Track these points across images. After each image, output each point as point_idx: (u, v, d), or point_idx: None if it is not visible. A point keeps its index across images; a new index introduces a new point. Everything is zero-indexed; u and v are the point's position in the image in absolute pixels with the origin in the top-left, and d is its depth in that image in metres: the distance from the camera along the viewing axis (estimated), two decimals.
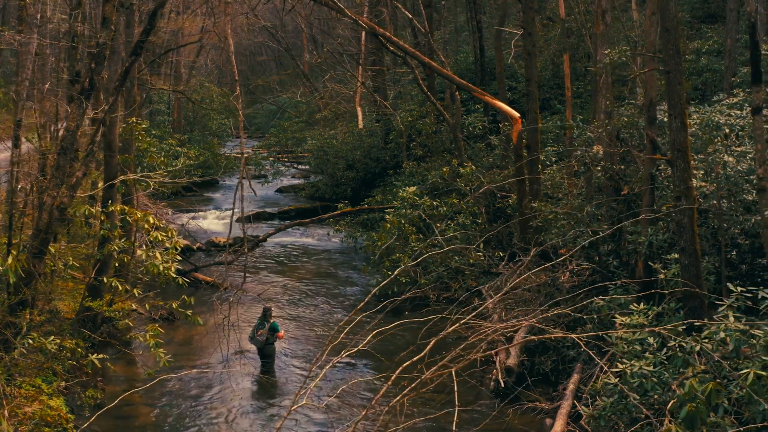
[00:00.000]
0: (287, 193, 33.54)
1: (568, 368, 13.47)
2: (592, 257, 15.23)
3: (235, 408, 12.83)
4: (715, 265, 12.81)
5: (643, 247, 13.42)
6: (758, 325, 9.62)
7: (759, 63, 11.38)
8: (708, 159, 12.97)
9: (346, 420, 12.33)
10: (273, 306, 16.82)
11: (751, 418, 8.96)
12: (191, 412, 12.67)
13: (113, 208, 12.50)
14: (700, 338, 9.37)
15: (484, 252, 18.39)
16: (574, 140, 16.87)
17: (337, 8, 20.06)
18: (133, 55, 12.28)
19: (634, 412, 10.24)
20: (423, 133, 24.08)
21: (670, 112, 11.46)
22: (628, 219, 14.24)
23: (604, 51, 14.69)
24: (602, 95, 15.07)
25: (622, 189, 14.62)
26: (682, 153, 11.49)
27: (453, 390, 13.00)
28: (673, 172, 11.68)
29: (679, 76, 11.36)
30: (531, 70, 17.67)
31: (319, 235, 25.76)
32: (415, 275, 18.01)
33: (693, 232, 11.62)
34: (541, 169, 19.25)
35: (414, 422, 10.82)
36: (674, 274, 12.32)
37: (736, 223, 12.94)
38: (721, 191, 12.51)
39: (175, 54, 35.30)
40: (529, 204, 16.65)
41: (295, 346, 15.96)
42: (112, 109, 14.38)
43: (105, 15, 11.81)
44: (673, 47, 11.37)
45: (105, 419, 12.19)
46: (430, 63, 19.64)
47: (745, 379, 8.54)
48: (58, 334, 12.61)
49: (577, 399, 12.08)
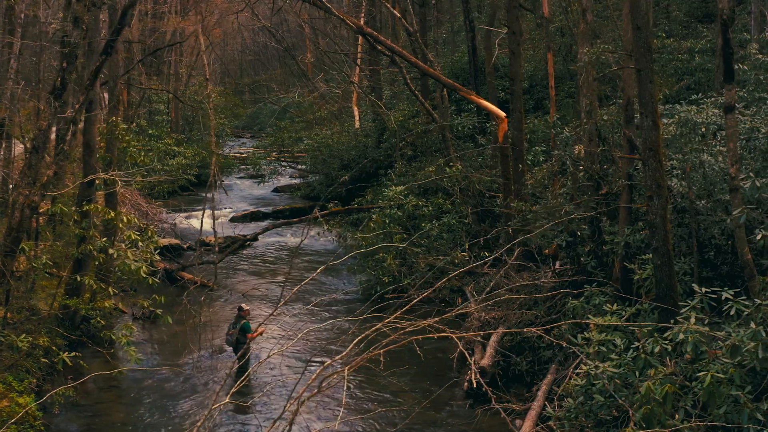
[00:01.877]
0: (284, 192, 33.55)
1: (544, 369, 13.38)
2: (573, 257, 15.12)
3: (203, 406, 12.81)
4: (692, 266, 12.67)
5: (620, 248, 13.30)
6: (722, 327, 9.53)
7: (731, 61, 11.24)
8: (684, 158, 12.84)
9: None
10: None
11: (714, 420, 8.87)
12: (161, 410, 12.67)
13: (87, 207, 12.53)
14: (660, 339, 9.27)
15: (469, 252, 18.31)
16: (557, 140, 16.76)
17: (325, 8, 20.06)
18: (103, 54, 12.28)
19: (600, 413, 10.16)
20: (413, 132, 24.02)
21: (642, 111, 11.34)
22: (603, 219, 14.15)
23: (584, 50, 14.57)
24: (583, 94, 14.95)
25: (602, 189, 14.50)
26: (654, 152, 11.37)
27: (426, 390, 12.99)
28: (645, 172, 11.57)
29: (650, 74, 11.24)
30: (516, 69, 17.57)
31: (312, 235, 25.72)
32: (399, 275, 17.94)
33: (665, 231, 11.50)
34: (530, 168, 19.16)
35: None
36: (649, 274, 12.21)
37: (714, 223, 12.79)
38: (693, 190, 12.37)
39: (175, 53, 35.35)
40: (509, 204, 16.57)
41: (273, 346, 15.94)
42: (90, 108, 14.42)
43: (76, 14, 11.83)
44: (644, 45, 11.25)
45: (77, 416, 12.24)
46: (417, 62, 19.58)
47: (704, 381, 8.46)
48: (31, 332, 12.64)
49: (550, 400, 11.99)
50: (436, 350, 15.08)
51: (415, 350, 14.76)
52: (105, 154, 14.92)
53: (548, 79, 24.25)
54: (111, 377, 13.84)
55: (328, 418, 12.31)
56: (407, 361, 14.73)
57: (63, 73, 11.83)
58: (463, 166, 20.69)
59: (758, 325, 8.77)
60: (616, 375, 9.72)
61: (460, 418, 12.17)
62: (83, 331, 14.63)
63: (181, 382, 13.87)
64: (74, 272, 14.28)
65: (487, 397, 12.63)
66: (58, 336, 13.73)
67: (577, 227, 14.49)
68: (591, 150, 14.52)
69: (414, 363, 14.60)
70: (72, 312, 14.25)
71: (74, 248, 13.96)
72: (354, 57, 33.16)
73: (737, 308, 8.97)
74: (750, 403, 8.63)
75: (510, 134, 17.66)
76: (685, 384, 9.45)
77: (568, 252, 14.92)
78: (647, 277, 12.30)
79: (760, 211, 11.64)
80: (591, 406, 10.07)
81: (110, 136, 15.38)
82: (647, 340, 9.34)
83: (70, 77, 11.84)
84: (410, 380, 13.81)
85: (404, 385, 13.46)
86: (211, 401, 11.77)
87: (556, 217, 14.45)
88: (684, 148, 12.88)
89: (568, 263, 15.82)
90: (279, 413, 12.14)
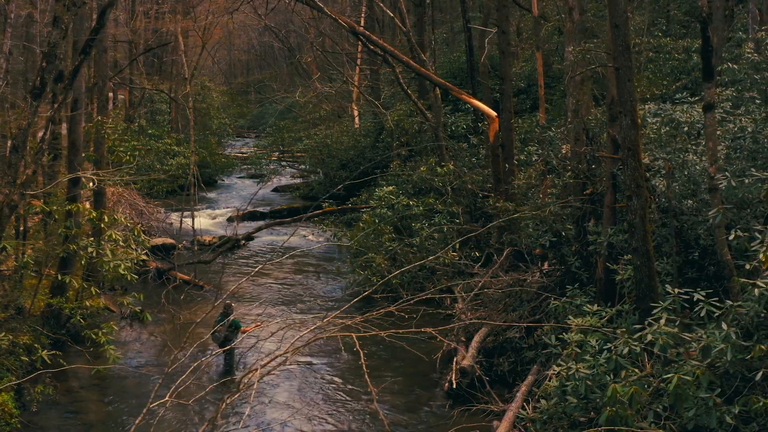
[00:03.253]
0: (283, 192, 33.58)
1: (527, 370, 13.29)
2: (560, 258, 15.01)
3: (183, 405, 12.79)
4: (674, 266, 12.53)
5: (603, 248, 13.19)
6: (695, 329, 9.42)
7: (710, 59, 11.12)
8: (668, 157, 12.71)
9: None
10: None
11: (685, 423, 8.77)
12: (140, 409, 12.64)
13: (69, 207, 12.55)
14: (630, 341, 9.17)
15: (460, 252, 18.23)
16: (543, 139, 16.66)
17: (317, 8, 20.05)
18: (82, 54, 12.30)
19: (575, 415, 10.06)
20: (408, 132, 23.97)
21: (620, 110, 11.25)
22: (589, 219, 14.03)
23: (570, 48, 14.47)
24: (569, 93, 14.84)
25: (588, 188, 14.39)
26: (633, 152, 11.26)
27: (407, 391, 12.93)
28: (624, 171, 11.48)
29: (628, 73, 11.14)
30: (505, 69, 17.48)
31: (306, 235, 25.73)
32: (388, 275, 17.86)
33: (645, 232, 11.39)
34: (525, 167, 19.06)
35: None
36: (630, 274, 12.10)
37: (698, 223, 12.65)
38: (673, 190, 12.24)
39: (174, 53, 35.35)
40: (494, 203, 16.49)
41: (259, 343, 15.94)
42: (75, 107, 14.46)
43: (56, 14, 11.84)
44: (623, 43, 11.15)
45: (55, 415, 12.27)
46: (409, 62, 19.53)
47: (673, 382, 8.35)
48: (14, 331, 12.68)
49: (530, 402, 11.90)
50: (421, 351, 15.01)
51: (401, 352, 14.77)
52: (89, 153, 14.94)
53: (545, 78, 24.15)
54: (92, 376, 13.90)
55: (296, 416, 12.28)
56: (391, 362, 14.73)
57: (42, 72, 11.84)
58: (457, 166, 20.61)
59: (730, 327, 8.67)
60: (589, 376, 9.62)
61: (439, 418, 12.12)
62: (69, 330, 14.66)
63: (164, 380, 13.85)
64: (60, 271, 14.31)
65: (469, 397, 12.64)
66: (42, 335, 13.77)
67: (562, 227, 14.39)
68: (576, 149, 14.42)
69: (398, 364, 14.61)
70: (57, 311, 14.28)
71: (59, 247, 13.99)
72: (354, 57, 33.16)
73: (708, 309, 8.85)
74: (723, 406, 8.53)
75: (500, 134, 17.58)
76: (661, 386, 9.35)
77: (553, 252, 14.82)
78: (629, 278, 12.19)
79: (736, 210, 11.48)
80: (564, 407, 9.98)
81: (97, 135, 15.41)
82: (618, 342, 9.24)
83: (49, 77, 11.85)
84: (393, 381, 13.76)
85: (386, 385, 13.42)
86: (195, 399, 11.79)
87: (540, 217, 14.36)
88: (666, 147, 12.76)
89: (556, 264, 15.72)
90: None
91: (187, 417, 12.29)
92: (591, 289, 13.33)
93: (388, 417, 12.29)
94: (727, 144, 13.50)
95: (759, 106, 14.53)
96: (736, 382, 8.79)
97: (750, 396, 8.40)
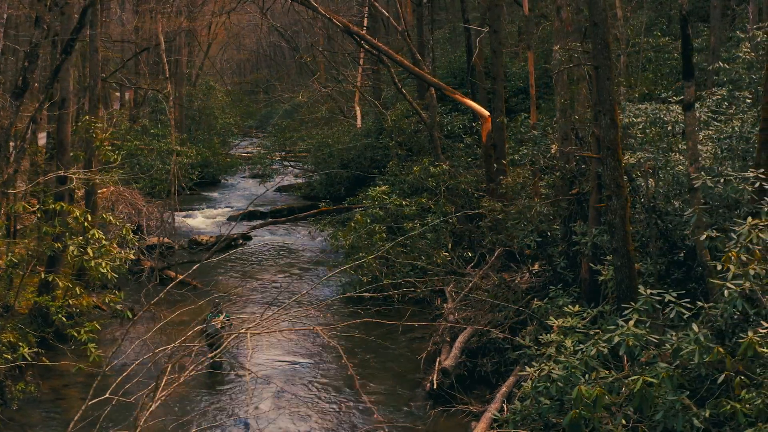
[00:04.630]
0: (285, 192, 33.62)
1: (510, 371, 13.20)
2: (548, 259, 14.91)
3: (171, 403, 12.83)
4: (659, 267, 12.41)
5: (587, 248, 13.08)
6: (667, 330, 9.30)
7: (691, 58, 10.99)
8: (652, 157, 12.59)
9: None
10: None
11: (654, 425, 8.67)
12: (121, 407, 12.68)
13: (53, 206, 12.61)
14: (600, 342, 9.07)
15: (453, 252, 18.16)
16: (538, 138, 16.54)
17: (312, 7, 20.07)
18: (63, 54, 12.36)
19: (549, 416, 9.97)
20: (405, 132, 23.92)
21: (599, 109, 11.13)
22: (576, 219, 13.93)
23: (556, 47, 14.38)
24: (557, 92, 14.75)
25: (574, 188, 14.28)
26: (612, 151, 11.15)
27: (389, 391, 12.89)
28: (604, 171, 11.37)
29: (607, 72, 11.02)
30: (497, 68, 17.40)
31: (306, 234, 25.75)
32: (380, 275, 17.84)
33: (625, 232, 11.28)
34: (520, 167, 18.94)
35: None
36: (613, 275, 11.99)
37: (683, 223, 12.51)
38: (653, 190, 12.11)
39: (175, 53, 35.58)
40: (484, 203, 16.41)
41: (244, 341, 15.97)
42: (63, 106, 14.53)
43: (37, 14, 11.92)
44: (602, 42, 11.04)
45: (36, 412, 12.34)
46: (403, 61, 19.49)
47: (637, 385, 8.25)
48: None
49: (510, 402, 11.83)
50: (406, 351, 14.99)
51: (386, 351, 14.73)
52: (77, 152, 15.02)
53: (544, 78, 24.03)
54: (75, 374, 13.94)
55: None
56: (376, 363, 14.69)
57: (24, 72, 11.92)
58: (452, 166, 20.52)
59: (700, 329, 8.55)
60: (561, 378, 9.53)
61: (417, 418, 12.07)
62: (58, 328, 14.74)
63: (150, 379, 13.90)
64: (47, 270, 14.39)
65: (451, 397, 12.58)
66: (29, 333, 13.84)
67: (548, 227, 14.29)
68: (563, 149, 14.32)
69: (383, 364, 14.58)
70: (45, 309, 14.35)
71: (43, 245, 14.06)
72: (357, 57, 33.13)
73: (679, 311, 8.73)
74: (694, 407, 8.42)
75: (492, 133, 17.49)
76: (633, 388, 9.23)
77: (540, 252, 14.72)
78: (612, 278, 12.07)
79: (722, 211, 11.35)
80: (538, 409, 9.90)
81: (87, 135, 15.49)
82: (588, 343, 9.14)
83: (31, 76, 11.93)
84: (376, 380, 13.73)
85: (369, 385, 13.39)
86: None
87: (526, 218, 14.27)
88: (651, 147, 12.63)
89: (545, 264, 15.61)
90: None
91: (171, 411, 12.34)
92: (575, 290, 13.23)
93: (368, 416, 12.27)
94: (715, 144, 13.36)
95: (750, 106, 14.35)
96: (705, 385, 8.68)
97: (721, 399, 8.29)
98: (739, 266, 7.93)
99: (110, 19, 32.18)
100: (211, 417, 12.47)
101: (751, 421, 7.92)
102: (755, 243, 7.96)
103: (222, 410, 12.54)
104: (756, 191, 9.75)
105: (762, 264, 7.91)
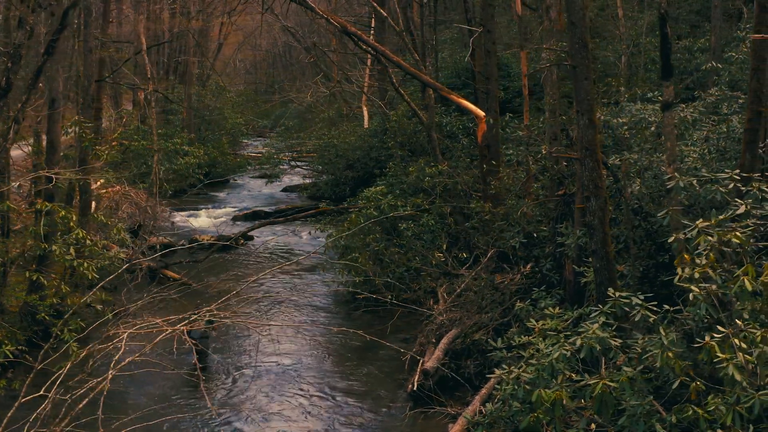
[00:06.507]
0: (292, 192, 33.72)
1: (492, 373, 13.08)
2: (535, 260, 14.80)
3: (157, 402, 12.90)
4: (641, 269, 12.26)
5: (571, 250, 12.96)
6: (634, 333, 9.17)
7: (669, 57, 10.84)
8: (636, 158, 12.45)
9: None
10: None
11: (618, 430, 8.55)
12: (106, 405, 12.78)
13: (39, 206, 12.73)
14: (566, 344, 8.96)
15: (447, 253, 18.07)
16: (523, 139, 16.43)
17: (309, 7, 20.05)
18: (45, 55, 12.49)
19: (519, 419, 9.87)
20: (406, 132, 23.87)
21: (577, 109, 11.01)
22: (562, 220, 13.81)
23: (544, 47, 14.25)
24: (546, 92, 14.63)
25: (561, 189, 14.16)
26: (590, 152, 11.02)
27: (371, 392, 12.86)
28: (582, 172, 11.25)
29: (585, 71, 10.90)
30: (490, 68, 17.29)
31: (307, 235, 25.80)
32: (373, 275, 17.81)
33: (604, 233, 11.15)
34: (516, 168, 18.80)
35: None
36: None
37: (665, 226, 12.32)
38: (636, 191, 11.97)
39: (184, 54, 35.85)
40: (470, 204, 16.32)
41: (233, 341, 16.05)
42: (53, 106, 14.68)
43: (21, 15, 12.04)
44: (579, 41, 10.91)
45: (17, 409, 12.42)
46: (399, 61, 19.42)
47: (597, 388, 8.14)
48: None
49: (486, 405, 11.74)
50: (391, 352, 14.93)
51: (373, 351, 14.68)
52: (67, 152, 15.17)
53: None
54: (65, 373, 14.05)
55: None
56: (360, 363, 14.67)
57: (8, 73, 12.06)
58: (451, 167, 20.42)
59: (667, 332, 8.41)
60: (530, 380, 9.43)
61: (396, 420, 12.02)
62: (47, 326, 14.87)
63: (136, 378, 14.00)
64: (37, 269, 14.54)
65: (431, 399, 12.52)
66: (17, 332, 13.98)
67: (534, 228, 14.17)
68: (551, 149, 14.19)
69: (367, 365, 14.55)
70: (33, 308, 14.50)
71: (27, 244, 14.21)
72: (364, 58, 33.14)
73: (643, 314, 8.61)
74: (663, 412, 8.29)
75: (485, 134, 17.38)
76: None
77: (526, 254, 14.61)
78: (593, 280, 11.95)
79: (692, 211, 11.18)
80: (509, 411, 9.80)
81: (79, 135, 15.62)
82: (554, 346, 9.03)
83: (14, 77, 12.05)
84: (360, 381, 13.70)
85: (352, 385, 13.37)
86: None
87: (513, 219, 14.17)
88: (634, 147, 12.49)
89: (535, 266, 15.49)
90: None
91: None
92: (558, 292, 13.12)
93: (348, 417, 12.25)
94: (704, 145, 13.17)
95: (742, 106, 14.12)
96: (671, 390, 8.53)
97: (685, 405, 8.15)
98: (693, 268, 7.80)
99: (118, 19, 32.49)
100: (189, 417, 12.52)
101: (715, 427, 7.79)
102: (704, 245, 7.86)
103: (202, 409, 12.59)
104: (731, 192, 9.58)
105: (717, 266, 7.78)
